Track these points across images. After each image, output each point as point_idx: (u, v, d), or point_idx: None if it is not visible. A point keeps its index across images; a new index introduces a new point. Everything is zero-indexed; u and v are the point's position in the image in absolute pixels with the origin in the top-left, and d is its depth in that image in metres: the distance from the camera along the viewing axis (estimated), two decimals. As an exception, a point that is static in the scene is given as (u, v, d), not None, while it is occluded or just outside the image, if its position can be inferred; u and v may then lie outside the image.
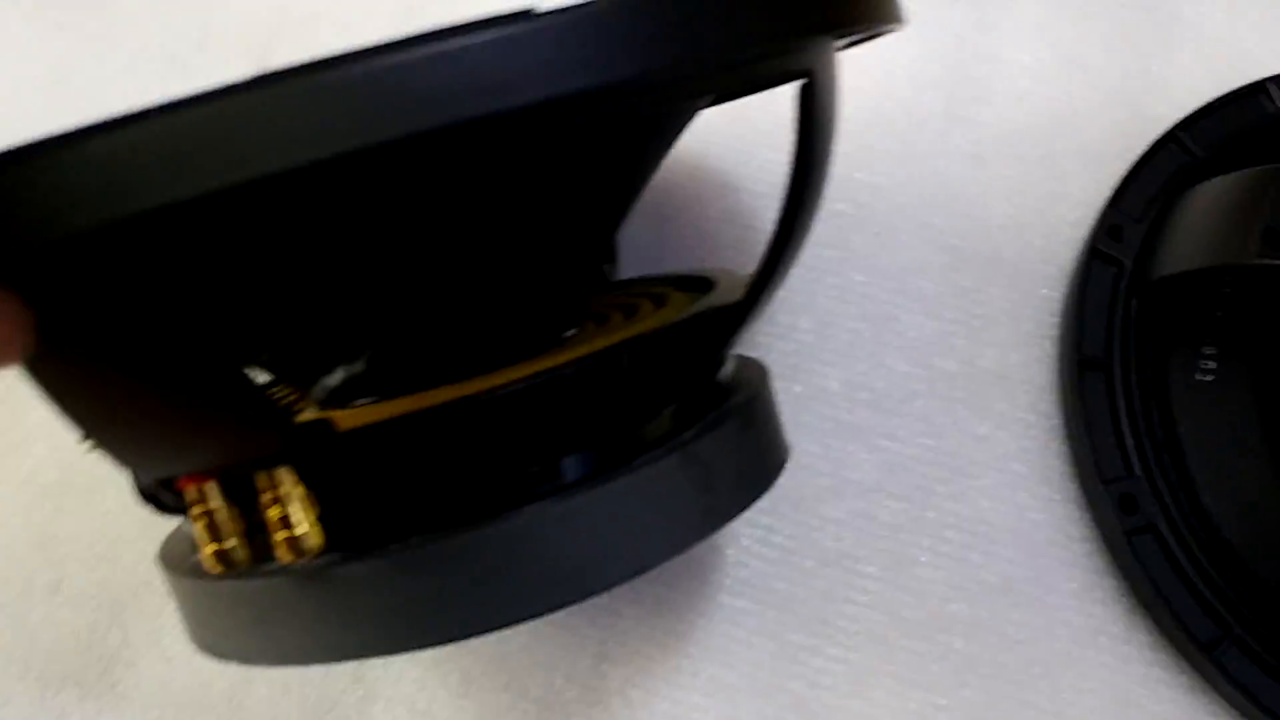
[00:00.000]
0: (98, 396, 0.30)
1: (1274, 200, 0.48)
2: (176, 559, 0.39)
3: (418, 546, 0.33)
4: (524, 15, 0.24)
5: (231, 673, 0.49)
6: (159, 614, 0.50)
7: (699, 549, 0.51)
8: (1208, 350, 0.52)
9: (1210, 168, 0.54)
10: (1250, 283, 0.52)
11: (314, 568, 0.33)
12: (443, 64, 0.23)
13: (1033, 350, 0.54)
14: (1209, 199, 0.52)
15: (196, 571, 0.36)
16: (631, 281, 0.51)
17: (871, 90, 0.58)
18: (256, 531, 0.33)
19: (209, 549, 0.32)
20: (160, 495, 0.37)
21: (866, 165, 0.57)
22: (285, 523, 0.31)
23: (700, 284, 0.46)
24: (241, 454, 0.31)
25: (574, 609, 0.50)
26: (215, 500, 0.32)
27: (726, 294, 0.41)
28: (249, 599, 0.34)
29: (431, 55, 0.23)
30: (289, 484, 0.31)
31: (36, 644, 0.49)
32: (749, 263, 0.45)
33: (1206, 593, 0.48)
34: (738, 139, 0.57)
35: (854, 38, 0.36)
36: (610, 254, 0.50)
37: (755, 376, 0.43)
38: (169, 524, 0.50)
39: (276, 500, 0.31)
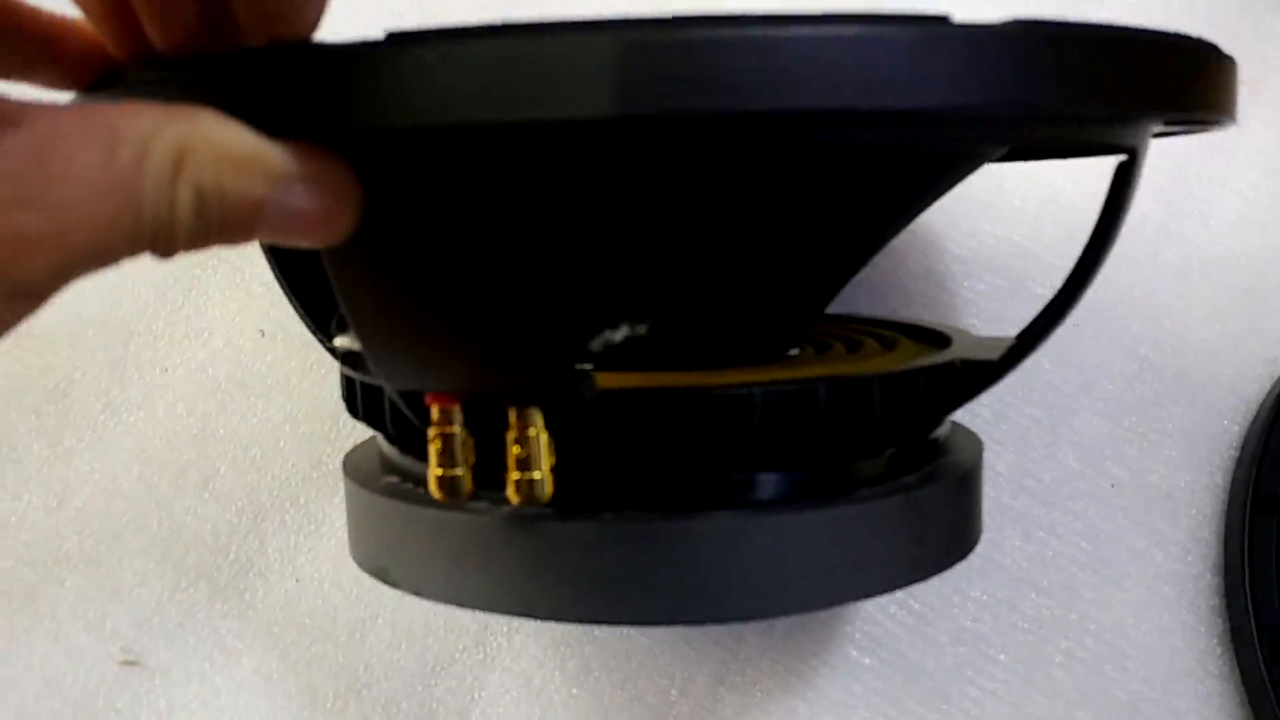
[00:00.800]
0: (386, 294, 0.30)
1: None
2: (366, 472, 0.39)
3: (635, 521, 0.33)
4: (941, 20, 0.24)
5: (358, 608, 0.49)
6: (299, 531, 0.50)
7: (834, 595, 0.50)
8: (1386, 519, 0.51)
9: None
10: None
11: (527, 516, 0.33)
12: (849, 49, 0.23)
13: (1202, 477, 0.54)
14: None
15: (391, 490, 0.36)
16: (840, 316, 0.50)
17: (1094, 186, 0.57)
18: (483, 467, 0.33)
19: (437, 472, 0.32)
20: (367, 404, 0.37)
21: (1074, 257, 0.56)
22: (523, 464, 0.31)
23: (933, 337, 0.46)
24: (508, 386, 0.31)
25: (704, 628, 0.50)
26: (458, 425, 0.32)
27: (974, 350, 0.40)
28: (448, 530, 0.34)
29: (844, 37, 0.23)
30: (538, 427, 0.31)
31: (179, 534, 0.50)
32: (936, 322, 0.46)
33: (1341, 759, 0.47)
34: (956, 203, 0.56)
35: (1182, 127, 0.36)
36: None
37: (972, 445, 0.43)
38: (327, 444, 0.51)
39: (521, 440, 0.31)
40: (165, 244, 0.23)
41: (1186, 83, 0.30)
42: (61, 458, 0.50)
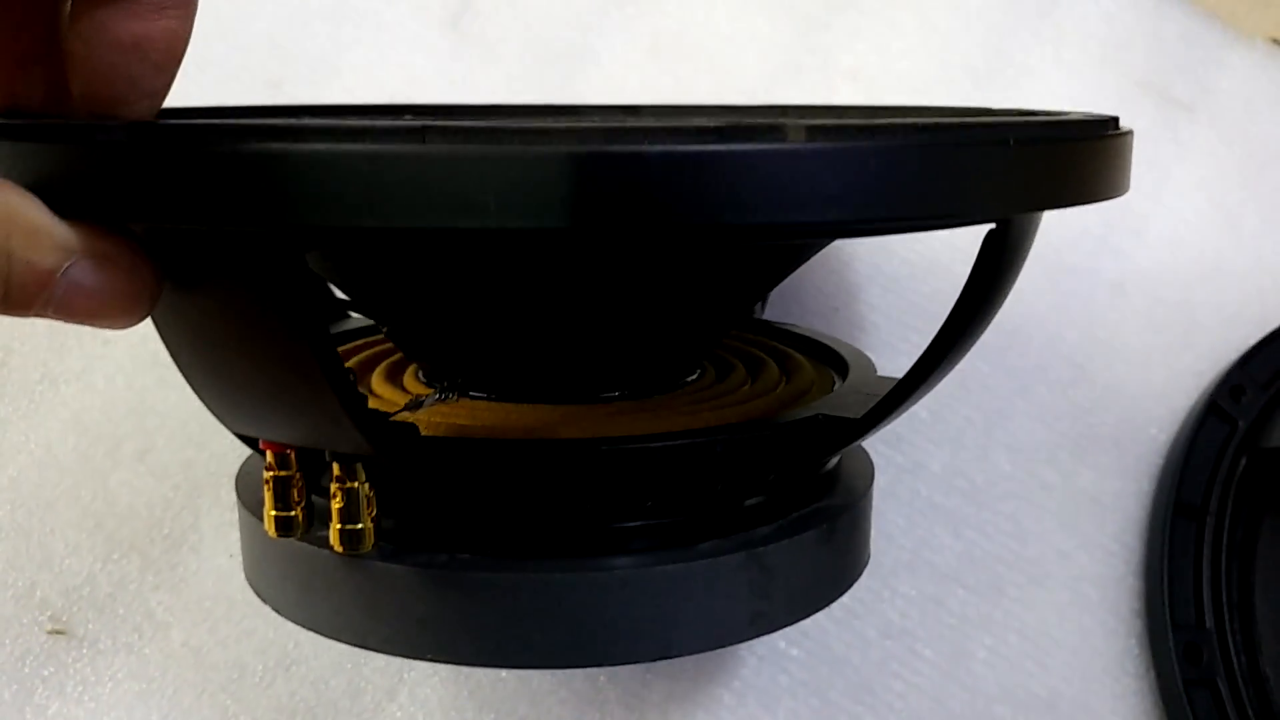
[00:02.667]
0: (204, 357, 0.31)
1: None
2: (250, 488, 0.39)
3: (460, 567, 0.33)
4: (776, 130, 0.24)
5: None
6: (233, 508, 0.50)
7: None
8: (1304, 528, 0.52)
9: (1345, 355, 0.55)
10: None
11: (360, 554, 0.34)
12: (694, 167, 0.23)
13: (1130, 483, 0.55)
14: (1340, 384, 0.53)
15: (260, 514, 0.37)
16: (768, 325, 0.50)
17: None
18: (320, 494, 0.34)
19: (272, 513, 0.33)
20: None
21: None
22: (345, 516, 0.32)
23: (834, 360, 0.46)
24: (326, 444, 0.32)
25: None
26: (291, 468, 0.33)
27: (849, 399, 0.39)
28: (295, 561, 0.35)
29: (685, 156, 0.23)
30: (359, 479, 0.32)
31: (113, 506, 0.50)
32: (881, 355, 0.46)
33: (1251, 760, 0.48)
34: (923, 247, 0.57)
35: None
36: (762, 299, 0.51)
37: (861, 477, 0.42)
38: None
39: (343, 492, 0.32)
40: None
41: (1064, 175, 0.29)
42: (-4, 426, 0.50)
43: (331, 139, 0.22)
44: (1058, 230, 0.58)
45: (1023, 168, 0.27)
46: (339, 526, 0.32)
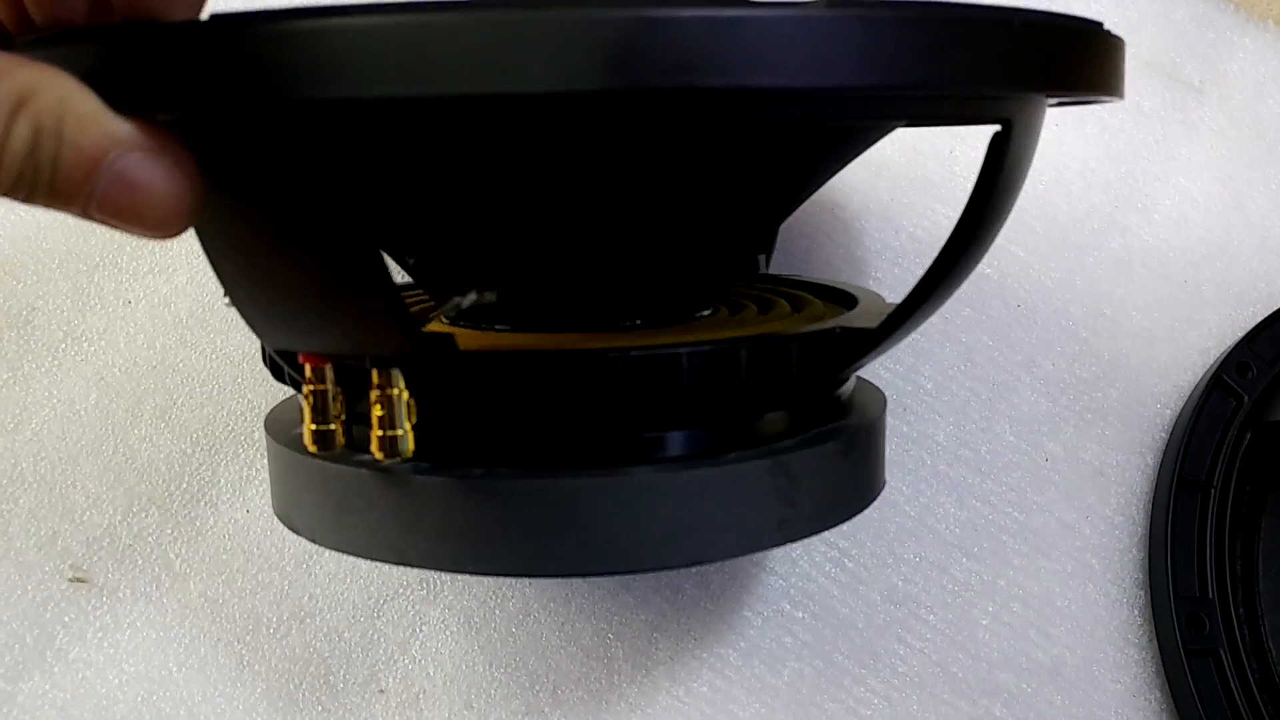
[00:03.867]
0: (248, 264, 0.32)
1: None
2: (280, 426, 0.40)
3: (497, 478, 0.34)
4: (810, 4, 0.25)
5: (304, 540, 0.50)
6: (250, 465, 0.51)
7: (769, 558, 0.52)
8: (1306, 502, 0.53)
9: (1349, 333, 0.56)
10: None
11: (398, 469, 0.34)
12: (726, 30, 0.24)
13: (1134, 456, 0.56)
14: (1345, 360, 0.53)
15: (294, 443, 0.38)
16: (775, 277, 0.52)
17: (1045, 174, 0.59)
18: (356, 420, 0.34)
19: (311, 427, 0.34)
20: (280, 365, 0.39)
21: (1021, 240, 0.58)
22: (385, 422, 0.33)
23: (843, 298, 0.47)
24: (365, 347, 0.32)
25: (642, 575, 0.51)
26: (329, 383, 0.34)
27: (864, 317, 0.41)
28: (332, 482, 0.36)
29: (723, 18, 0.24)
30: (398, 387, 0.32)
31: (133, 460, 0.51)
32: (889, 297, 0.47)
33: (1250, 726, 0.49)
34: (910, 184, 0.58)
35: (1067, 99, 0.37)
36: (768, 244, 0.51)
37: (874, 404, 0.43)
38: (279, 383, 0.52)
39: (383, 400, 0.33)
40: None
41: (1063, 62, 0.30)
42: (21, 382, 0.51)
43: (379, 12, 0.24)
44: (1065, 208, 0.59)
45: (1028, 46, 0.29)
46: (380, 433, 0.33)
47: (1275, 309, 0.57)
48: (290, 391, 0.48)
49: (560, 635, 0.50)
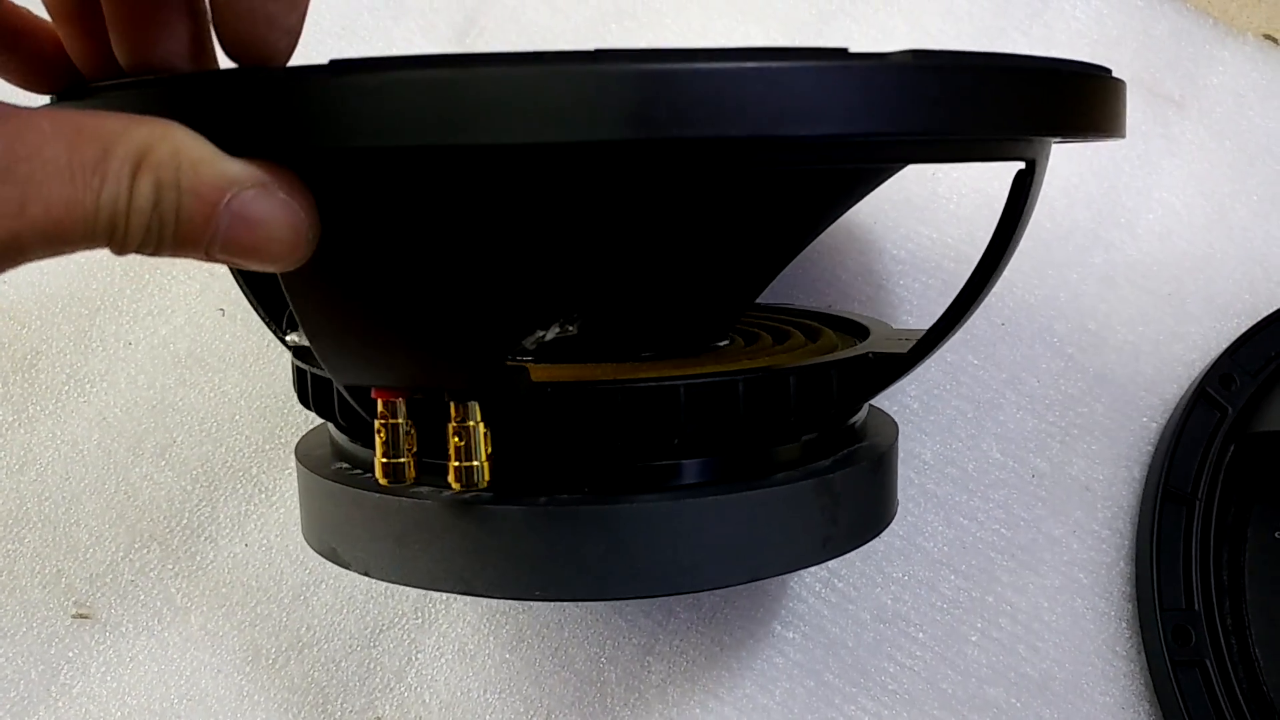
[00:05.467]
0: (333, 299, 0.32)
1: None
2: (317, 460, 0.41)
3: (564, 504, 0.36)
4: (840, 53, 0.26)
5: (303, 573, 0.52)
6: (250, 500, 0.53)
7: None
8: (1291, 512, 0.53)
9: (1332, 343, 0.56)
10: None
11: (466, 500, 0.36)
12: (759, 81, 0.25)
13: (1120, 470, 0.56)
14: (1326, 371, 0.54)
15: (342, 477, 0.39)
16: (771, 307, 0.53)
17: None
18: (425, 454, 0.35)
19: (382, 460, 0.35)
20: (346, 398, 0.39)
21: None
22: (463, 454, 0.34)
23: (853, 328, 0.48)
24: (451, 381, 0.33)
25: (633, 599, 0.52)
26: (401, 417, 0.35)
27: (887, 343, 0.43)
28: (393, 515, 0.37)
29: (752, 71, 0.25)
30: (476, 419, 0.34)
31: (135, 498, 0.52)
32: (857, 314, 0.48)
33: (1238, 738, 0.49)
34: (893, 207, 0.59)
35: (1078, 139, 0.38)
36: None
37: (888, 428, 0.45)
38: (280, 419, 0.53)
39: (460, 431, 0.34)
40: (121, 236, 0.25)
41: (1072, 106, 0.32)
42: (26, 424, 0.53)
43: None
44: (1049, 225, 0.60)
45: (1053, 92, 0.31)
46: (456, 464, 0.34)
47: (1258, 320, 0.57)
48: (301, 424, 0.49)
49: (554, 660, 0.51)
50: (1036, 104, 0.30)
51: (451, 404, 0.34)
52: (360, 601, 0.51)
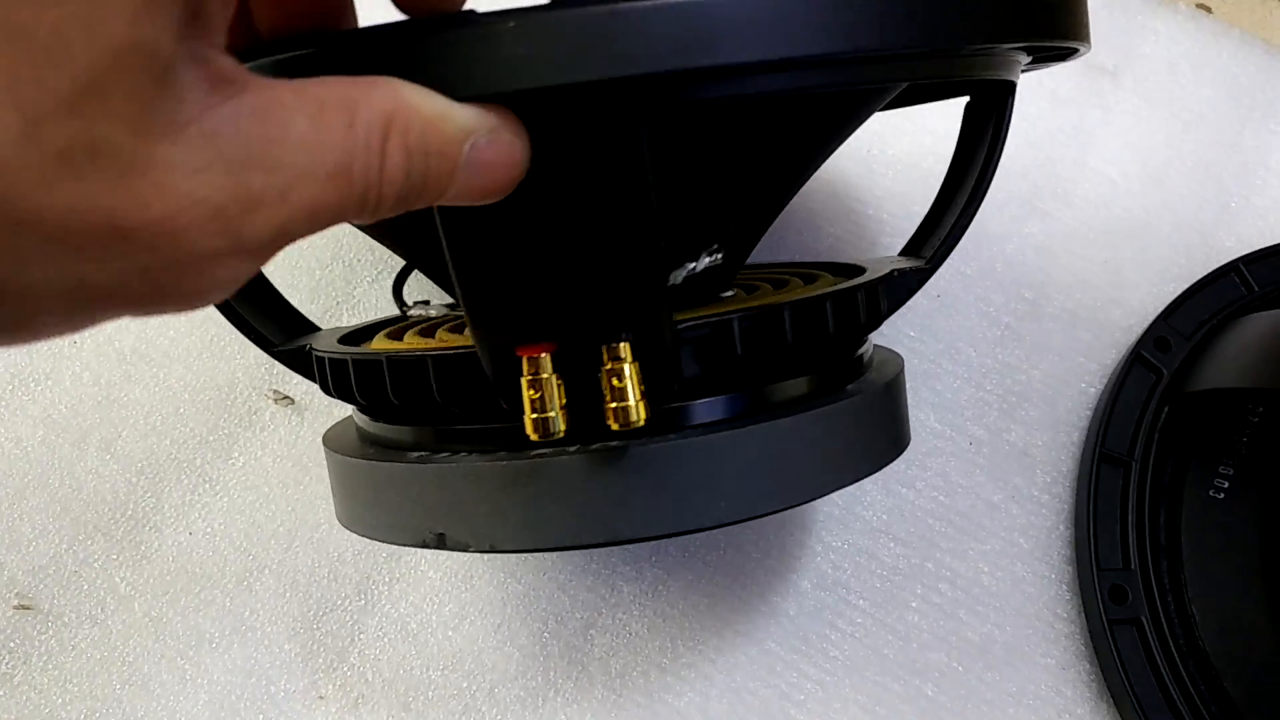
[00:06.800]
0: (502, 250, 0.32)
1: (1316, 338, 0.50)
2: (387, 452, 0.40)
3: (708, 431, 0.36)
4: None
5: (246, 559, 0.52)
6: (194, 490, 0.53)
7: (704, 549, 0.53)
8: (1225, 470, 0.54)
9: (1263, 303, 0.57)
10: (1278, 411, 0.54)
11: (609, 447, 0.36)
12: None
13: (1059, 436, 0.57)
14: (1255, 328, 0.54)
15: (446, 458, 0.38)
16: (756, 265, 0.53)
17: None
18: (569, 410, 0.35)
19: (532, 416, 0.34)
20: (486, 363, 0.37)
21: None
22: (618, 394, 0.34)
23: (844, 269, 0.49)
24: (622, 322, 0.34)
25: (575, 574, 0.52)
26: (547, 371, 0.34)
27: (889, 264, 0.44)
28: (531, 477, 0.36)
29: None
30: (628, 356, 0.34)
31: (79, 492, 0.53)
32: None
33: (1175, 693, 0.50)
34: (828, 184, 0.60)
35: (1042, 53, 0.40)
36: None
37: (894, 359, 0.47)
38: (223, 410, 0.54)
39: (615, 372, 0.34)
40: (374, 206, 0.25)
41: (1057, 11, 0.35)
42: (-30, 423, 0.53)
43: None
44: (985, 198, 0.61)
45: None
46: (614, 405, 0.34)
47: (1191, 284, 0.58)
48: (243, 414, 0.50)
49: (496, 636, 0.51)
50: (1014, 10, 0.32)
51: (603, 348, 0.34)
52: (303, 585, 0.52)
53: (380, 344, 0.43)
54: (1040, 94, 0.64)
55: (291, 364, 0.43)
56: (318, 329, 0.47)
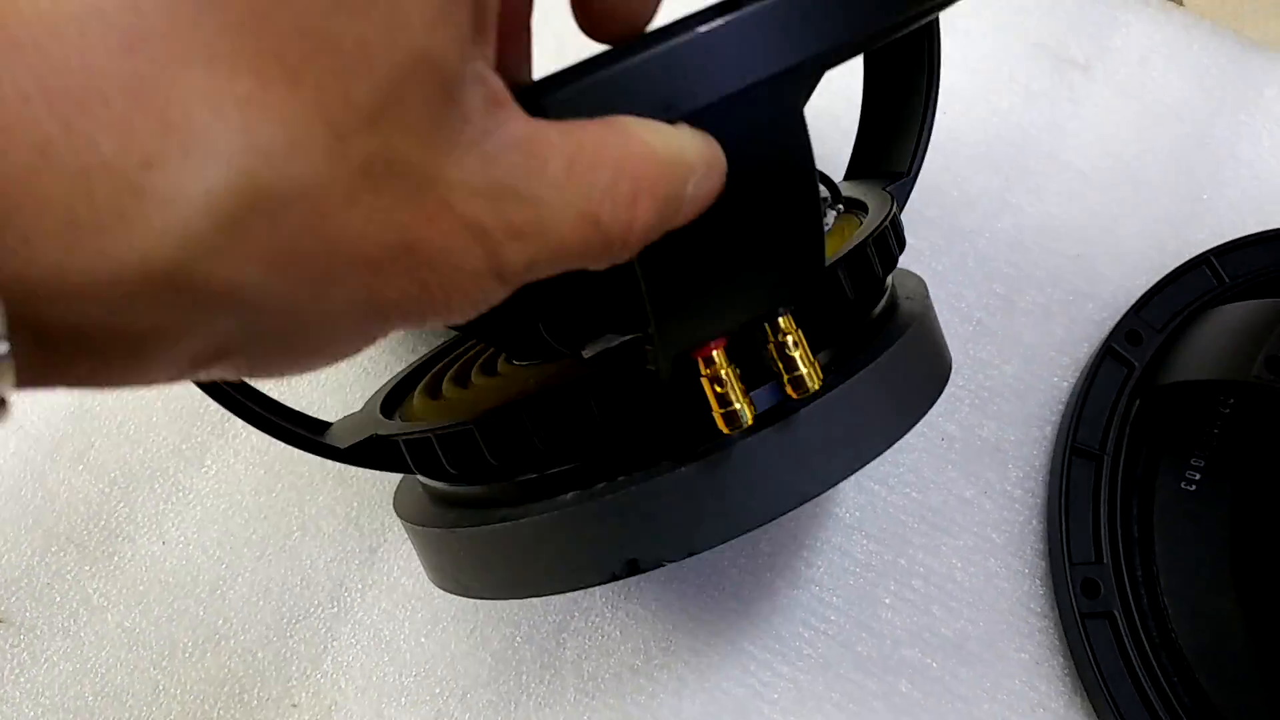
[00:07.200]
0: (693, 250, 0.32)
1: (1282, 329, 0.50)
2: (521, 509, 0.38)
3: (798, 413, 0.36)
4: None
5: (219, 568, 0.52)
6: (167, 499, 0.53)
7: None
8: (1196, 461, 0.54)
9: (1234, 295, 0.57)
10: (1248, 403, 0.54)
11: (719, 446, 0.36)
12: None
13: (1032, 431, 0.57)
14: (1225, 320, 0.54)
15: (604, 491, 0.37)
16: None
17: (935, 161, 0.61)
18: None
19: (720, 411, 0.34)
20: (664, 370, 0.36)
21: (912, 228, 0.59)
22: (791, 364, 0.34)
23: (833, 190, 0.50)
24: (795, 297, 0.34)
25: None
26: (723, 365, 0.34)
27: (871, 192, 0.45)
28: (717, 473, 0.36)
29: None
30: (793, 326, 0.34)
31: (51, 503, 0.53)
32: None
33: (1147, 685, 0.50)
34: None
35: None
36: None
37: (909, 278, 0.48)
38: (196, 419, 0.54)
39: (785, 343, 0.34)
40: (615, 254, 0.25)
41: None
42: (-58, 436, 0.54)
43: None
44: (955, 194, 0.61)
45: None
46: (790, 375, 0.35)
47: (1162, 276, 0.58)
48: (216, 421, 0.50)
49: (469, 642, 0.51)
50: None
51: (766, 326, 0.34)
52: (276, 593, 0.52)
53: (427, 405, 0.43)
54: (1012, 88, 0.64)
55: (360, 460, 0.41)
56: (327, 423, 0.45)
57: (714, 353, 0.34)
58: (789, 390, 0.35)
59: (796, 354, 0.34)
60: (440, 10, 0.20)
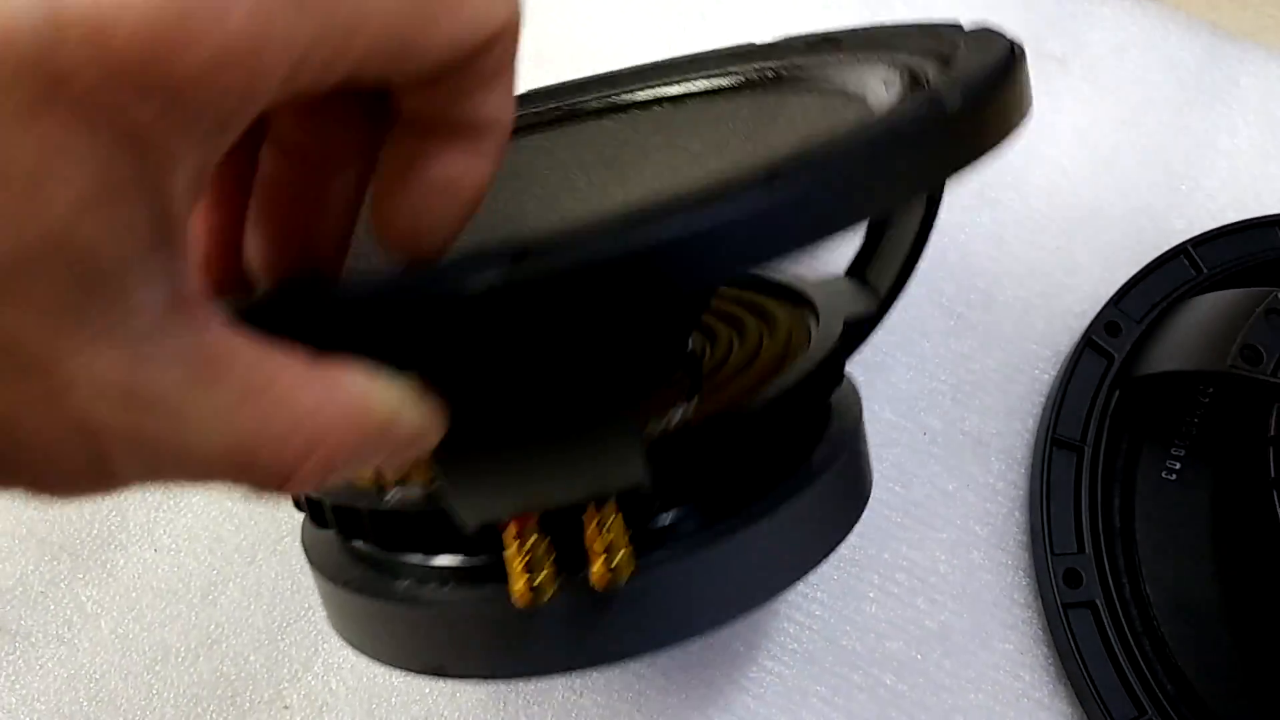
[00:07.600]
0: (477, 442, 0.31)
1: (1257, 319, 0.50)
2: (403, 589, 0.39)
3: (674, 556, 0.36)
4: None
5: (210, 573, 0.53)
6: (159, 507, 0.54)
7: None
8: (1176, 451, 0.54)
9: (1212, 285, 0.57)
10: (1226, 393, 0.54)
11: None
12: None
13: (1014, 423, 0.57)
14: (1201, 311, 0.55)
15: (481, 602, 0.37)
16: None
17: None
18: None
19: (521, 582, 0.34)
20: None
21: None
22: (608, 551, 0.34)
23: (792, 295, 0.50)
24: (610, 486, 0.33)
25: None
26: (534, 536, 0.34)
27: (841, 306, 0.45)
28: (518, 622, 0.36)
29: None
30: (612, 512, 0.34)
31: (45, 513, 0.53)
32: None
33: (1130, 674, 0.50)
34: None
35: None
36: None
37: (850, 398, 0.47)
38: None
39: (607, 529, 0.33)
40: (273, 492, 0.23)
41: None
42: (-63, 448, 0.54)
43: None
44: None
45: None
46: (599, 565, 0.34)
47: (1141, 267, 0.58)
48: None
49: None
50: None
51: (590, 506, 0.33)
52: (267, 597, 0.53)
53: None
54: (989, 84, 0.64)
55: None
56: None
57: (525, 525, 0.33)
58: (597, 582, 0.34)
59: (613, 540, 0.34)
60: (92, 199, 0.19)
